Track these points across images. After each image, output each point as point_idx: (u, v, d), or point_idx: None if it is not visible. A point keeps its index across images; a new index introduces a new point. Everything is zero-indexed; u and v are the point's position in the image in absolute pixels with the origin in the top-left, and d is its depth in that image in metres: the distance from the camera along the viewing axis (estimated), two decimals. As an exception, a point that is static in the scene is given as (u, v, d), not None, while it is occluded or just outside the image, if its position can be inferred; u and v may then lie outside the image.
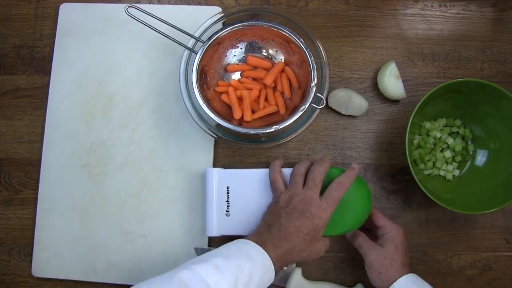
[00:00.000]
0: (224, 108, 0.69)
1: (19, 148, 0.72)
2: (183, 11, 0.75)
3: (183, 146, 0.71)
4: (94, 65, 0.73)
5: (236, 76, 0.71)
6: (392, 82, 0.71)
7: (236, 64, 0.71)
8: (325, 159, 0.60)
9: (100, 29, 0.74)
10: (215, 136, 0.66)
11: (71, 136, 0.72)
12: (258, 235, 0.57)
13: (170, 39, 0.65)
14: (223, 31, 0.66)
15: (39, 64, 0.74)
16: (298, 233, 0.55)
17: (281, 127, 0.63)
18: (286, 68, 0.70)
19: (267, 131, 0.63)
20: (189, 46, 0.66)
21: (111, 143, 0.71)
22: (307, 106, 0.63)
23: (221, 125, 0.63)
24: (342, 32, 0.75)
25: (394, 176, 0.71)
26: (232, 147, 0.72)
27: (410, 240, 0.68)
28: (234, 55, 0.71)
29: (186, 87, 0.66)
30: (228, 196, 0.64)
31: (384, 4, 0.76)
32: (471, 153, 0.70)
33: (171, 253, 0.68)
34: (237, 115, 0.67)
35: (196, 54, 0.65)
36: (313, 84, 0.63)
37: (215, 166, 0.71)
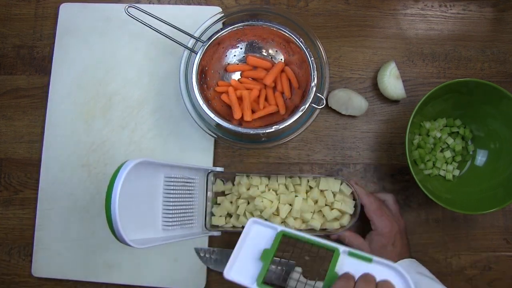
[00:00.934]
0: (224, 108, 0.69)
1: (19, 148, 0.72)
2: (183, 11, 0.75)
3: (183, 146, 0.71)
4: (94, 65, 0.73)
5: (236, 76, 0.71)
6: (392, 82, 0.71)
7: (236, 64, 0.71)
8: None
9: (100, 29, 0.74)
10: (215, 136, 0.66)
11: (71, 136, 0.72)
12: None
13: (170, 39, 0.65)
14: (223, 31, 0.66)
15: (39, 64, 0.74)
16: None
17: (281, 127, 0.62)
18: (286, 68, 0.70)
19: (267, 131, 0.63)
20: (189, 46, 0.66)
21: (111, 143, 0.71)
22: (307, 106, 0.63)
23: (221, 125, 0.63)
24: (342, 32, 0.75)
25: (394, 176, 0.71)
26: (232, 147, 0.72)
27: (410, 240, 0.68)
28: (234, 55, 0.71)
29: (186, 87, 0.66)
30: None
31: (384, 4, 0.76)
32: (471, 153, 0.70)
33: (171, 253, 0.68)
34: (237, 115, 0.67)
35: (196, 54, 0.65)
36: (313, 84, 0.63)
37: (215, 165, 0.71)
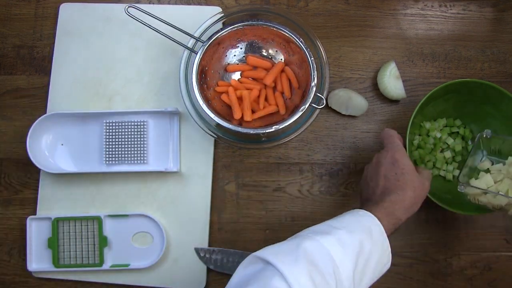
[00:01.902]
0: (224, 108, 0.69)
1: (19, 148, 0.72)
2: (183, 11, 0.75)
3: (183, 146, 0.71)
4: (94, 65, 0.73)
5: (236, 76, 0.71)
6: (392, 82, 0.71)
7: (236, 64, 0.71)
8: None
9: (100, 29, 0.74)
10: (215, 136, 0.66)
11: (71, 136, 0.72)
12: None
13: (170, 39, 0.65)
14: (223, 31, 0.66)
15: (39, 64, 0.74)
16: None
17: (281, 127, 0.62)
18: (286, 68, 0.70)
19: (267, 131, 0.63)
20: (189, 46, 0.66)
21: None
22: (307, 106, 0.63)
23: (221, 125, 0.63)
24: (342, 32, 0.75)
25: (394, 176, 0.71)
26: (232, 147, 0.72)
27: (410, 240, 0.69)
28: (234, 55, 0.71)
29: (186, 87, 0.66)
30: None
31: (384, 4, 0.76)
32: (471, 153, 0.70)
33: (171, 253, 0.68)
34: (237, 115, 0.67)
35: (196, 54, 0.65)
36: (313, 84, 0.63)
37: (215, 166, 0.71)
